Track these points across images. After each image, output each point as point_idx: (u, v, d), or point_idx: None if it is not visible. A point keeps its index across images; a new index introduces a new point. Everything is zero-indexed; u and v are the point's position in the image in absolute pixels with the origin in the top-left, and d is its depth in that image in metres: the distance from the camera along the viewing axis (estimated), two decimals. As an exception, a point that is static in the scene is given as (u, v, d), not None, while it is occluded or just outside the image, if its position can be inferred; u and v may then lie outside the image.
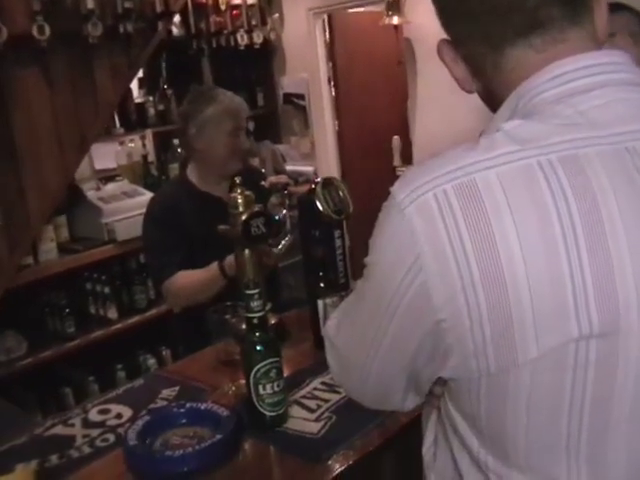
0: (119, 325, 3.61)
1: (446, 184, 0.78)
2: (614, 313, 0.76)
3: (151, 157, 4.09)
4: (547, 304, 0.75)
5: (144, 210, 2.51)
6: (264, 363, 1.49)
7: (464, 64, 0.90)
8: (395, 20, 3.94)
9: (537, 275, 0.75)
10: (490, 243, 0.75)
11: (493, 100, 0.90)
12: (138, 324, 3.67)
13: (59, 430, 1.65)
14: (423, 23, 3.82)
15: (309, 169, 4.85)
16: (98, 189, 3.65)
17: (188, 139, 2.44)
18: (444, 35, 0.91)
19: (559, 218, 0.75)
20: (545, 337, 0.76)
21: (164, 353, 3.85)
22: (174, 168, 3.96)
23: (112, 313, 3.61)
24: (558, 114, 0.80)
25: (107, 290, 3.60)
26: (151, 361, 3.84)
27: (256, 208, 1.89)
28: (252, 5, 4.39)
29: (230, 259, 2.06)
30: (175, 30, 4.00)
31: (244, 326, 1.63)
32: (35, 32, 2.73)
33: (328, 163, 4.91)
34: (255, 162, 4.63)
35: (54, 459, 1.52)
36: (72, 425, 1.67)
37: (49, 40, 2.78)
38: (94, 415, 1.70)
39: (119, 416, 1.68)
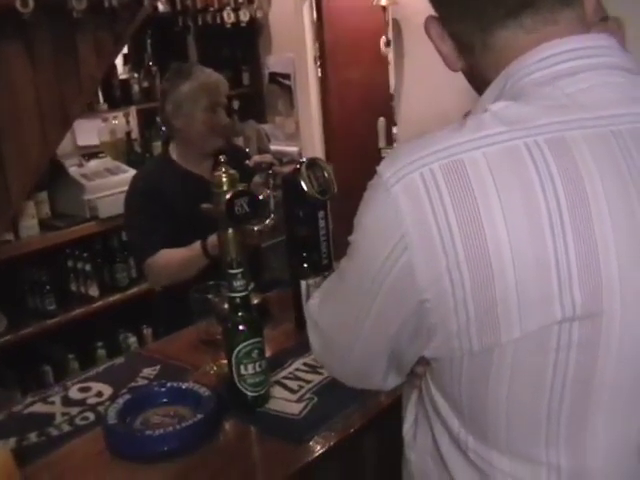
0: (100, 303, 3.58)
1: (433, 163, 0.78)
2: (597, 295, 0.76)
3: (135, 134, 4.04)
4: (531, 285, 0.75)
5: (127, 187, 2.49)
6: (246, 343, 1.48)
7: (451, 41, 0.90)
8: (383, 1, 3.91)
9: (522, 255, 0.75)
10: (476, 223, 0.75)
11: (479, 80, 0.90)
12: (119, 302, 3.65)
13: (38, 408, 1.64)
14: (411, 3, 3.80)
15: (294, 149, 4.83)
16: (81, 165, 3.59)
17: (167, 117, 2.42)
18: (432, 14, 0.91)
19: (545, 199, 0.75)
20: (528, 318, 0.76)
21: (145, 332, 3.83)
22: (158, 146, 3.93)
23: (93, 291, 3.58)
24: (546, 95, 0.80)
25: (88, 268, 3.56)
26: (132, 339, 3.81)
27: (240, 187, 1.88)
28: (239, -17, 4.35)
29: (213, 238, 2.05)
30: (161, 6, 3.94)
31: (226, 306, 1.63)
32: (18, 5, 2.67)
33: (313, 144, 4.89)
34: (239, 141, 4.60)
35: (33, 437, 1.51)
36: (52, 403, 1.66)
37: (33, 14, 2.72)
38: (74, 393, 1.69)
39: (99, 394, 1.67)
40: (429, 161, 0.78)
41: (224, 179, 1.87)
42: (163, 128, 3.82)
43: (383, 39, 4.52)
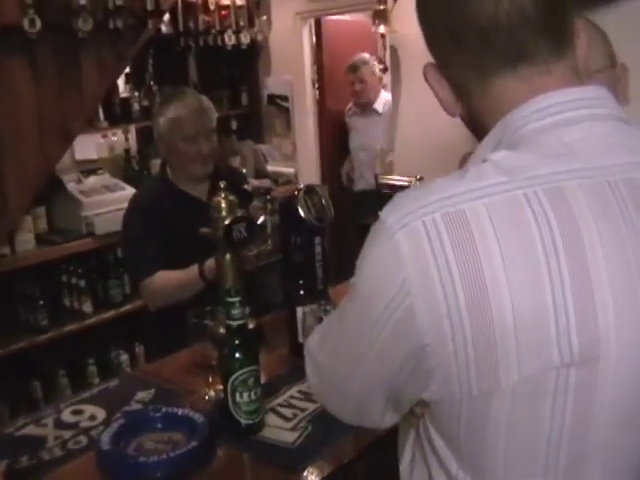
0: (93, 319, 3.59)
1: (435, 212, 0.80)
2: (594, 341, 0.78)
3: (133, 151, 4.08)
4: (530, 331, 0.77)
5: (124, 205, 2.50)
6: (242, 371, 1.49)
7: (449, 88, 0.92)
8: (381, 29, 3.96)
9: (521, 303, 0.77)
10: (476, 271, 0.77)
11: (476, 125, 0.93)
12: (112, 319, 3.66)
13: (31, 430, 1.63)
14: (409, 32, 3.84)
15: (290, 170, 4.86)
16: (79, 182, 3.62)
17: (155, 141, 2.44)
18: (430, 61, 0.93)
19: (544, 248, 0.77)
20: (527, 363, 0.78)
21: (137, 350, 3.83)
22: (155, 164, 3.92)
23: (87, 307, 3.58)
24: (543, 145, 0.82)
25: (82, 283, 3.57)
26: (124, 357, 3.81)
27: (239, 213, 1.90)
28: (241, 6, 4.40)
29: (210, 263, 2.06)
30: (164, 27, 3.99)
31: (222, 330, 1.63)
32: (26, 25, 2.71)
33: (309, 165, 4.92)
34: (236, 161, 4.62)
35: (24, 460, 1.49)
36: (44, 425, 1.64)
37: (39, 32, 2.76)
38: (67, 416, 1.68)
39: (93, 418, 1.66)
40: (431, 210, 0.80)
41: (223, 204, 1.89)
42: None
43: (377, 65, 4.60)
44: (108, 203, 3.48)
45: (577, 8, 0.90)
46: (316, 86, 4.94)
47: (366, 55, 4.62)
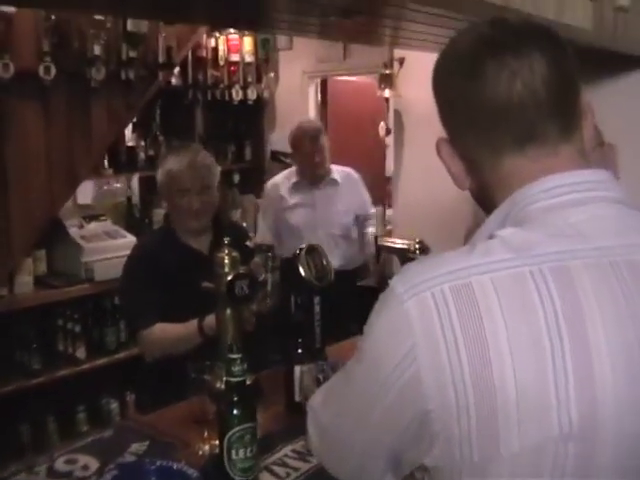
0: (86, 365, 3.57)
1: (444, 284, 0.83)
2: (592, 415, 0.80)
3: (135, 199, 4.11)
4: (531, 401, 0.80)
5: (125, 252, 2.53)
6: (239, 428, 1.49)
7: (461, 162, 0.96)
8: (387, 93, 4.04)
9: (524, 377, 0.79)
10: (481, 343, 0.80)
11: (485, 199, 0.97)
12: (105, 366, 3.64)
13: (23, 478, 1.61)
14: (413, 97, 3.91)
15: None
16: (81, 227, 3.65)
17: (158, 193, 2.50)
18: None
19: (546, 324, 0.80)
20: (527, 432, 0.80)
21: (128, 398, 3.79)
22: (158, 213, 3.97)
23: (80, 352, 3.57)
24: (549, 224, 0.86)
25: (78, 328, 3.57)
26: (114, 405, 3.78)
27: (241, 269, 1.92)
28: (249, 63, 4.48)
29: (210, 319, 2.07)
30: (173, 79, 4.05)
31: (220, 384, 1.64)
32: (41, 72, 2.78)
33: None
34: (237, 214, 4.66)
35: (15, 509, 1.49)
36: (37, 473, 1.63)
37: (53, 79, 2.83)
38: (60, 465, 1.66)
39: (86, 468, 1.64)
40: (440, 282, 0.83)
41: (226, 260, 1.91)
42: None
43: (382, 126, 4.65)
44: (108, 250, 3.50)
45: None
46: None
47: (315, 120, 4.15)
